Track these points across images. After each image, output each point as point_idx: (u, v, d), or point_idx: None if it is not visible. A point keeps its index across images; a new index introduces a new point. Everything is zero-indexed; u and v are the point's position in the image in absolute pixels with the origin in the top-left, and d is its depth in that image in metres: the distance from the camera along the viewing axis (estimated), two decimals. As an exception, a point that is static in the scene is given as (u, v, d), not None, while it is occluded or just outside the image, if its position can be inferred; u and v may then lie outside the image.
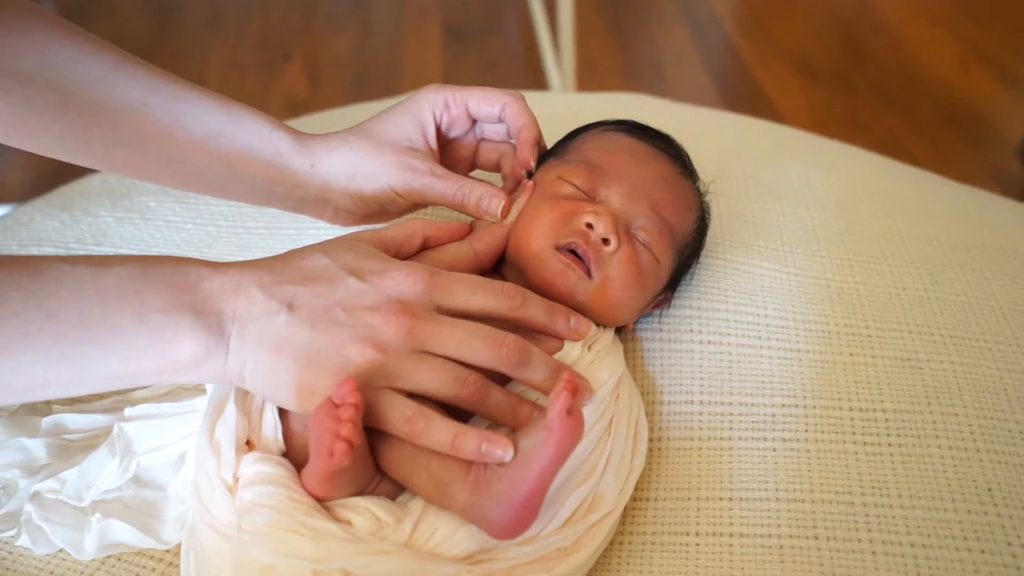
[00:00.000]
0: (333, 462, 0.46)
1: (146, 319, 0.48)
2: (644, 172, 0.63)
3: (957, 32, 2.27)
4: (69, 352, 0.47)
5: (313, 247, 0.54)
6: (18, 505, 0.57)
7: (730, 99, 2.09)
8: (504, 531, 0.47)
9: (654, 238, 0.61)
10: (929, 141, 1.92)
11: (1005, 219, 0.82)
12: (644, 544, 0.56)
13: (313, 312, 0.50)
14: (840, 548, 0.54)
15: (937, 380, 0.62)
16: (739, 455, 0.59)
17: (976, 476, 0.56)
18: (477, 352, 0.51)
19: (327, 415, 0.47)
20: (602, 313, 0.60)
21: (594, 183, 0.61)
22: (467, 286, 0.53)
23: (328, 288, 0.51)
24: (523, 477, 0.46)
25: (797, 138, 0.98)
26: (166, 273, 0.49)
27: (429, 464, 0.49)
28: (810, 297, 0.67)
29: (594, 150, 0.65)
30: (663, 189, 0.63)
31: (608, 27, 2.38)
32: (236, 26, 2.45)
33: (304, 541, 0.47)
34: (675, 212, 0.63)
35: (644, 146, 0.65)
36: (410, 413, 0.49)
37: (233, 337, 0.49)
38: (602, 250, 0.59)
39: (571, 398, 0.46)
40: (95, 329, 0.47)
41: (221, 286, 0.50)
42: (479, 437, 0.48)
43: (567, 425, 0.45)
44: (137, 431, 0.58)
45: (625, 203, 0.61)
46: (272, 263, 0.52)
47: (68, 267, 0.48)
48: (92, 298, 0.47)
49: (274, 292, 0.50)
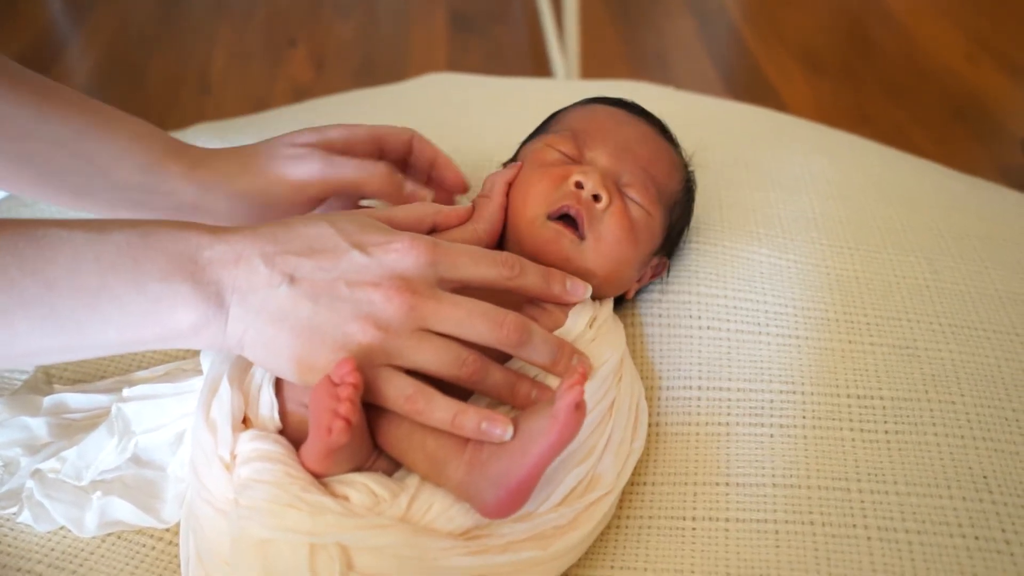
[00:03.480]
0: (331, 440, 0.46)
1: (144, 288, 0.47)
2: (627, 132, 0.65)
3: (964, 24, 2.25)
4: (66, 320, 0.47)
5: (317, 216, 0.54)
6: (19, 483, 0.58)
7: (735, 90, 2.09)
8: (495, 511, 0.48)
9: (642, 191, 0.62)
10: (935, 134, 1.91)
11: (1006, 209, 0.81)
12: (641, 528, 0.56)
13: (315, 285, 0.49)
14: (835, 534, 0.54)
15: (935, 368, 0.62)
16: (736, 441, 0.59)
17: (972, 464, 0.57)
18: (478, 331, 0.51)
19: (326, 393, 0.47)
20: (600, 274, 0.60)
21: (580, 147, 0.63)
22: (469, 257, 0.53)
23: (331, 261, 0.50)
24: (520, 460, 0.47)
25: (799, 126, 0.98)
26: (165, 240, 0.49)
27: (425, 442, 0.50)
28: (809, 284, 0.68)
29: (577, 120, 0.67)
30: (646, 147, 0.64)
31: (613, 16, 2.38)
32: (242, 12, 2.45)
33: (301, 516, 0.47)
34: (660, 167, 0.64)
35: (624, 113, 0.67)
36: (411, 391, 0.49)
37: (233, 307, 0.49)
38: (593, 207, 0.59)
39: (582, 392, 0.46)
40: (92, 297, 0.47)
41: (222, 254, 0.49)
42: (479, 416, 0.48)
43: (572, 417, 0.46)
44: (135, 411, 0.58)
45: (611, 161, 0.62)
46: (275, 231, 0.51)
47: (66, 232, 0.47)
48: (90, 266, 0.47)
49: (276, 263, 0.50)
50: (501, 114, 0.93)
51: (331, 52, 2.28)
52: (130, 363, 0.68)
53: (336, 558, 0.46)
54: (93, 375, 0.67)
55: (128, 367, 0.67)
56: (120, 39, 2.33)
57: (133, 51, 2.28)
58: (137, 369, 0.66)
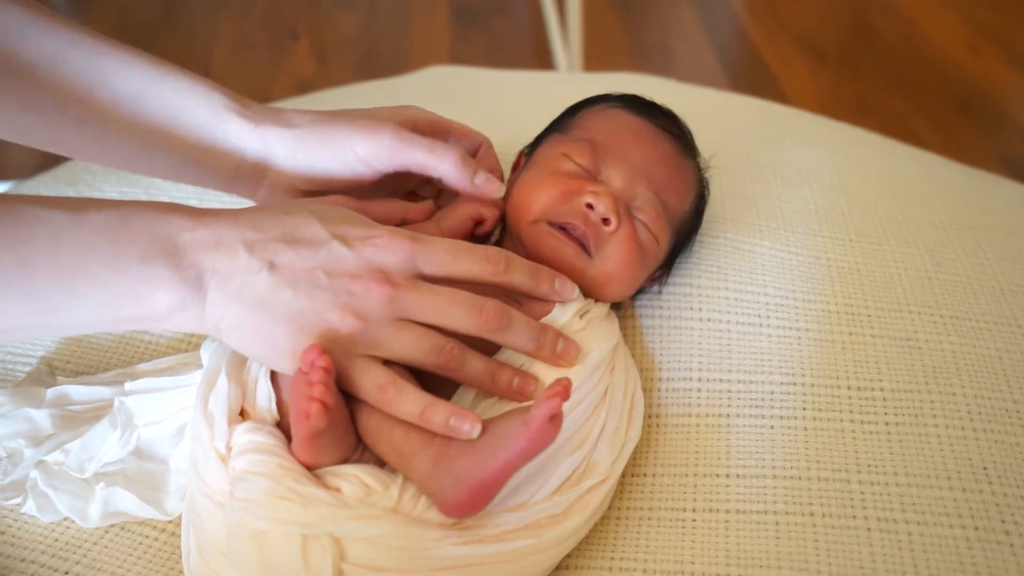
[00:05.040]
0: (310, 424, 0.47)
1: (122, 269, 0.47)
2: (646, 153, 0.63)
3: (967, 14, 2.25)
4: (42, 299, 0.46)
5: (300, 204, 0.54)
6: (24, 474, 0.58)
7: (738, 81, 2.08)
8: (454, 509, 0.48)
9: (653, 216, 0.61)
10: (937, 124, 1.90)
11: (1008, 201, 0.81)
12: (641, 519, 0.57)
13: (295, 273, 0.49)
14: (835, 525, 0.54)
15: (936, 360, 0.62)
16: (737, 432, 0.60)
17: (972, 455, 0.57)
18: (457, 318, 0.51)
19: (301, 381, 0.47)
20: (600, 289, 0.60)
21: (597, 162, 0.62)
22: (449, 253, 0.53)
23: (311, 250, 0.50)
24: (487, 461, 0.47)
25: (801, 119, 0.98)
26: (146, 222, 0.48)
27: (392, 433, 0.50)
28: (810, 276, 0.68)
29: (598, 128, 0.65)
30: (664, 170, 0.63)
31: (616, 7, 2.37)
32: (243, 5, 2.44)
33: (294, 507, 0.47)
34: (675, 193, 0.63)
35: (647, 125, 0.65)
36: (383, 381, 0.49)
37: (212, 291, 0.49)
38: (602, 230, 0.59)
39: (560, 405, 0.46)
40: (70, 277, 0.46)
41: (202, 238, 0.49)
42: (448, 411, 0.48)
43: (545, 428, 0.46)
44: (137, 404, 0.58)
45: (626, 183, 0.61)
46: (257, 217, 0.51)
47: (44, 211, 0.47)
48: (68, 245, 0.46)
49: (256, 249, 0.49)
50: (503, 107, 0.93)
51: (333, 45, 2.28)
52: (133, 355, 0.68)
53: (329, 549, 0.47)
54: (96, 367, 0.67)
55: (131, 359, 0.68)
56: (121, 33, 2.33)
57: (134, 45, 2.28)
58: (140, 362, 0.67)
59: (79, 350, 0.68)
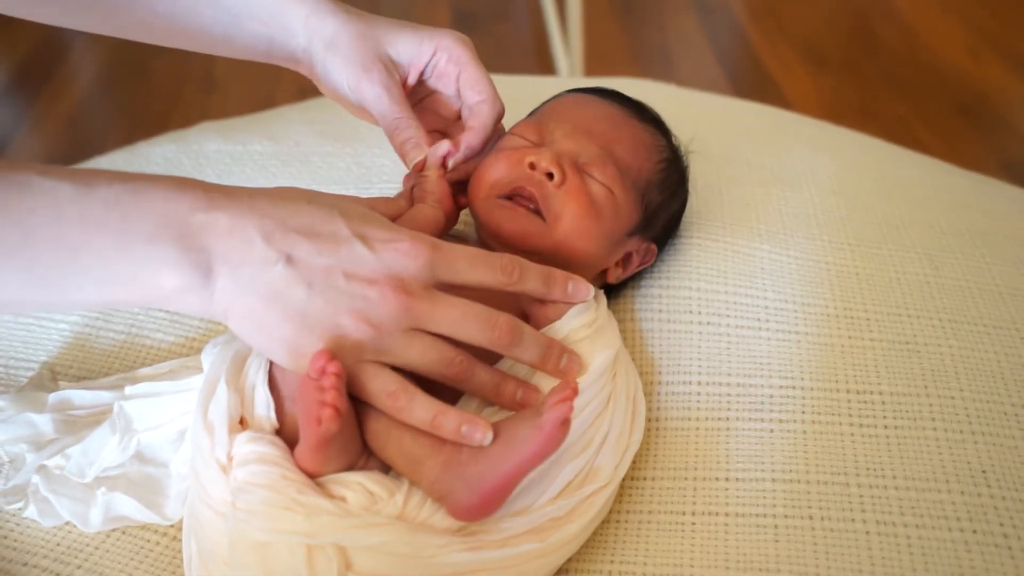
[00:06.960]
0: (322, 429, 0.46)
1: (129, 249, 0.46)
2: (587, 112, 0.65)
3: (968, 19, 2.25)
4: (45, 275, 0.45)
5: (324, 196, 0.53)
6: (25, 478, 0.58)
7: (739, 86, 2.08)
8: (466, 513, 0.48)
9: (600, 168, 0.62)
10: (938, 129, 1.90)
11: (1008, 206, 0.81)
12: (640, 522, 0.57)
13: (312, 270, 0.48)
14: (834, 528, 0.54)
15: (934, 363, 0.62)
16: (736, 436, 0.60)
17: (971, 458, 0.57)
18: (470, 333, 0.51)
19: (311, 386, 0.47)
20: (568, 256, 0.60)
21: (542, 133, 0.63)
22: (467, 261, 0.52)
23: (331, 247, 0.49)
24: (500, 465, 0.47)
25: (801, 123, 0.98)
26: (156, 199, 0.47)
27: (402, 439, 0.50)
28: (810, 280, 0.68)
29: (549, 108, 0.68)
30: (609, 125, 0.64)
31: (617, 13, 2.38)
32: (245, 10, 2.45)
33: (297, 518, 0.47)
34: (623, 145, 0.64)
35: (591, 96, 0.67)
36: (393, 388, 0.49)
37: (222, 278, 0.47)
38: (547, 186, 0.60)
39: (571, 409, 0.46)
40: (74, 254, 0.45)
41: (215, 220, 0.48)
42: (459, 418, 0.48)
43: (558, 431, 0.46)
44: (137, 409, 0.59)
45: (570, 141, 0.62)
46: (276, 204, 0.50)
47: (50, 182, 0.45)
48: (74, 220, 0.45)
49: (274, 240, 0.48)
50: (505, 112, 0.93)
51: (335, 50, 2.28)
52: (135, 359, 0.68)
53: (334, 558, 0.46)
54: (98, 372, 0.67)
55: (132, 364, 0.68)
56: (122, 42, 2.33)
57: (138, 50, 2.28)
58: (142, 366, 0.67)
59: (81, 355, 0.68)
